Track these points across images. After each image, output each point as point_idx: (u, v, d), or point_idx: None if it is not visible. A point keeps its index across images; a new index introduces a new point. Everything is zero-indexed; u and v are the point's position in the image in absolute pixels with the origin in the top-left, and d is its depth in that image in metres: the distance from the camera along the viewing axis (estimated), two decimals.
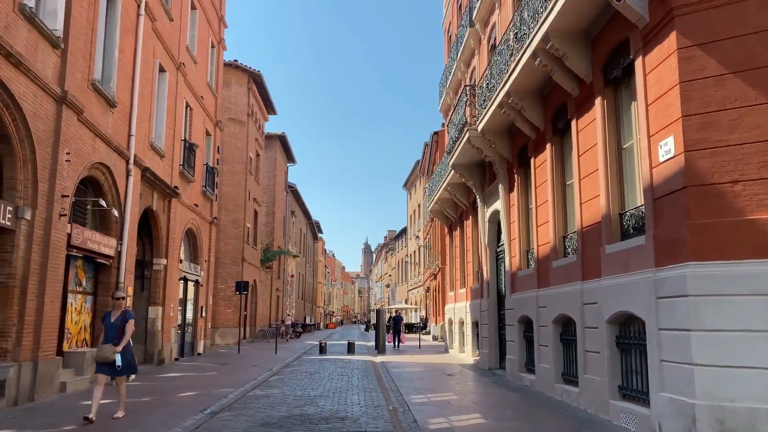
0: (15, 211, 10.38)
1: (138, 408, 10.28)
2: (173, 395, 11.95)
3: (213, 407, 10.50)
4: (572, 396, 10.83)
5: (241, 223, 33.72)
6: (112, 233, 14.93)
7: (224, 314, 32.26)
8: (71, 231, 12.51)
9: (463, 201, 21.03)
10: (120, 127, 15.07)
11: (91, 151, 13.30)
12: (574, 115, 11.16)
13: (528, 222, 14.48)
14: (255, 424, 9.01)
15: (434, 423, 9.10)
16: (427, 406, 10.79)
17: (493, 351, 17.42)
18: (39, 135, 10.82)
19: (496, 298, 17.56)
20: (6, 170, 10.43)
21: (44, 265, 11.09)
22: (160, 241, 18.80)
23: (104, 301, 14.93)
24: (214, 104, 25.70)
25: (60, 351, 12.45)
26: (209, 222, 24.88)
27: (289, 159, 50.24)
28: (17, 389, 10.23)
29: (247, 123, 34.26)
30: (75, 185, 12.57)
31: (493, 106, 13.73)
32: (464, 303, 21.53)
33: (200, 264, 23.65)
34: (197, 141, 22.47)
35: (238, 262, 33.34)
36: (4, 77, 9.62)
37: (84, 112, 12.49)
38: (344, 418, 9.50)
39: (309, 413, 9.97)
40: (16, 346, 10.32)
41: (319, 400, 11.42)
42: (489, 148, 15.61)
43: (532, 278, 13.36)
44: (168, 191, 18.77)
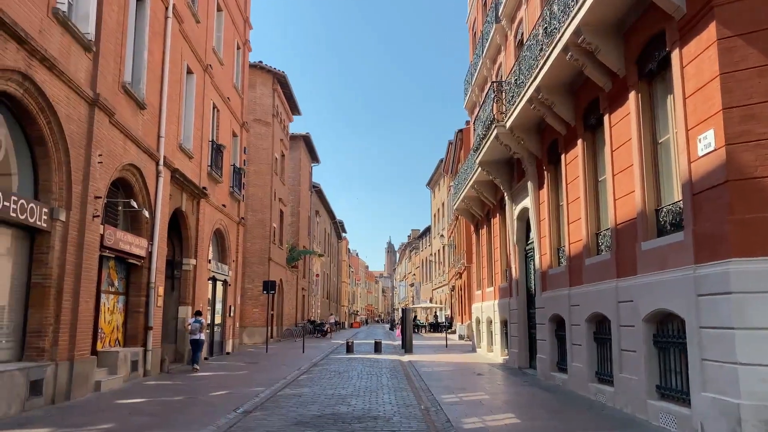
0: (50, 212, 10.53)
1: (171, 407, 10.37)
2: (205, 394, 12.03)
3: (245, 406, 10.54)
4: (607, 395, 10.64)
5: (267, 223, 33.92)
6: (143, 234, 15.10)
7: (251, 314, 32.49)
8: (104, 232, 12.67)
9: (490, 199, 20.85)
10: (150, 129, 15.22)
11: (122, 152, 13.45)
12: (607, 110, 10.96)
13: (559, 219, 14.29)
14: (288, 422, 9.02)
15: (468, 423, 9.01)
16: (459, 405, 10.70)
17: (522, 350, 17.24)
18: (72, 137, 10.97)
19: (525, 296, 17.37)
20: (41, 173, 10.59)
21: (79, 265, 11.25)
22: (190, 241, 18.97)
23: (136, 301, 15.12)
24: (240, 105, 25.88)
25: (94, 350, 12.62)
26: (237, 222, 25.06)
27: (313, 159, 50.42)
28: (54, 388, 10.38)
29: (273, 124, 34.44)
30: (107, 186, 12.73)
31: (522, 102, 13.57)
32: (492, 302, 21.35)
33: (228, 264, 23.83)
34: (224, 142, 22.64)
35: (265, 262, 33.55)
36: (39, 81, 9.76)
37: (115, 114, 12.64)
38: (377, 418, 9.46)
39: (341, 412, 9.95)
40: (53, 346, 10.47)
41: (350, 399, 11.40)
42: (517, 145, 15.44)
43: (564, 276, 13.18)
44: (197, 192, 18.93)
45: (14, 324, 10.07)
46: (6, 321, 9.89)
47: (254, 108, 32.67)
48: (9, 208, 9.23)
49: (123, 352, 13.64)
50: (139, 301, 15.15)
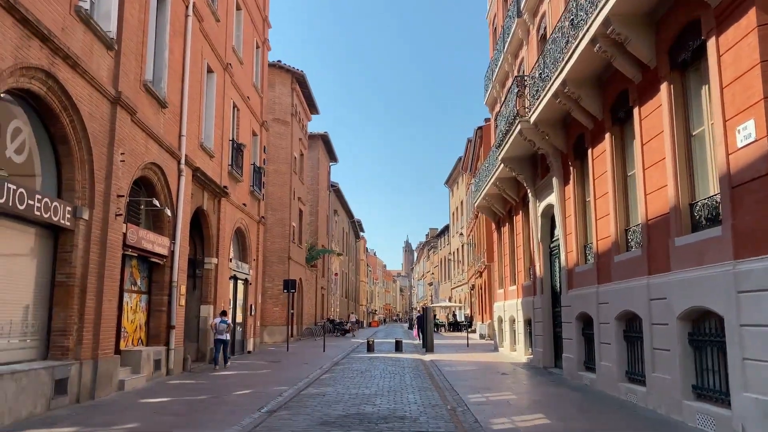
0: (74, 211, 10.51)
1: (195, 406, 10.29)
2: (228, 393, 11.95)
3: (269, 405, 10.43)
4: (639, 395, 10.36)
5: (286, 222, 33.91)
6: (165, 233, 15.08)
7: (272, 312, 32.50)
8: (126, 231, 12.64)
9: (512, 196, 20.57)
10: (171, 128, 15.20)
11: (144, 151, 13.42)
12: (636, 103, 10.67)
13: (585, 215, 14.00)
14: (314, 422, 8.88)
15: (497, 423, 8.80)
16: (485, 405, 10.49)
17: (547, 349, 16.96)
18: (95, 136, 10.94)
19: (550, 295, 17.09)
20: (64, 171, 10.56)
21: (102, 264, 11.22)
22: (211, 240, 18.95)
23: (158, 300, 15.11)
24: (260, 104, 25.85)
25: (117, 349, 12.61)
26: (257, 221, 25.04)
27: (332, 158, 50.36)
28: (79, 387, 10.36)
29: (291, 123, 34.41)
30: (129, 185, 12.70)
31: (547, 96, 13.31)
32: (515, 300, 21.07)
33: (249, 263, 23.81)
34: (244, 141, 22.61)
35: (285, 261, 33.54)
36: (62, 79, 9.73)
37: (137, 112, 12.60)
38: (403, 418, 9.29)
39: (367, 412, 9.80)
40: (77, 345, 10.45)
41: (374, 399, 11.24)
42: (542, 140, 15.16)
43: (592, 274, 12.90)
44: (218, 191, 18.90)
45: (39, 323, 10.05)
46: (31, 320, 9.87)
47: (273, 107, 32.66)
48: (33, 207, 9.20)
49: (146, 351, 13.62)
50: (162, 300, 15.13)
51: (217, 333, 17.24)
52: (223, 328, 17.19)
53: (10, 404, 8.37)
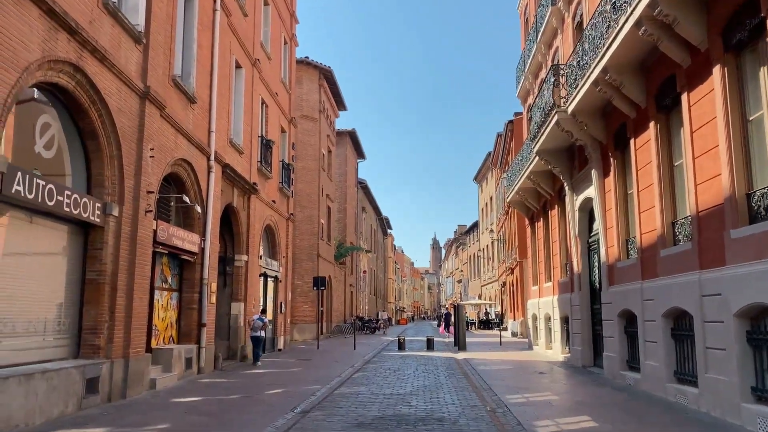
0: (103, 207, 10.35)
1: (227, 406, 10.06)
2: (260, 392, 11.71)
3: (303, 406, 10.15)
4: (690, 397, 9.82)
5: (315, 219, 33.77)
6: (196, 230, 14.93)
7: (301, 310, 32.40)
8: (157, 227, 12.49)
9: (547, 190, 19.99)
10: (200, 123, 15.03)
11: (174, 147, 13.26)
12: (685, 88, 10.10)
13: (627, 209, 13.43)
14: (350, 424, 8.56)
15: (540, 426, 8.37)
16: (526, 406, 10.05)
17: (586, 348, 16.40)
18: (124, 131, 10.77)
19: (588, 291, 16.52)
20: (94, 167, 10.41)
21: (132, 261, 11.06)
22: (241, 237, 18.79)
23: (189, 297, 14.97)
24: (288, 101, 25.67)
25: (149, 348, 12.47)
26: (286, 218, 24.86)
27: (359, 155, 50.13)
28: (110, 386, 10.21)
29: (319, 120, 34.23)
30: (159, 181, 12.54)
31: (587, 84, 12.76)
32: (551, 297, 20.50)
33: (278, 260, 23.66)
34: (273, 137, 22.43)
35: (314, 258, 33.40)
36: (90, 72, 9.56)
37: (166, 107, 12.43)
38: (442, 420, 8.91)
39: (403, 413, 9.44)
40: (108, 343, 10.30)
41: (410, 399, 10.88)
42: (580, 131, 14.61)
43: (635, 269, 12.34)
44: (247, 187, 18.73)
45: (70, 321, 9.92)
46: (62, 318, 9.74)
47: (301, 104, 32.51)
48: (62, 203, 9.04)
49: (177, 350, 13.47)
50: (192, 297, 14.99)
51: (254, 330, 17.37)
52: (259, 326, 17.34)
53: (41, 403, 8.22)
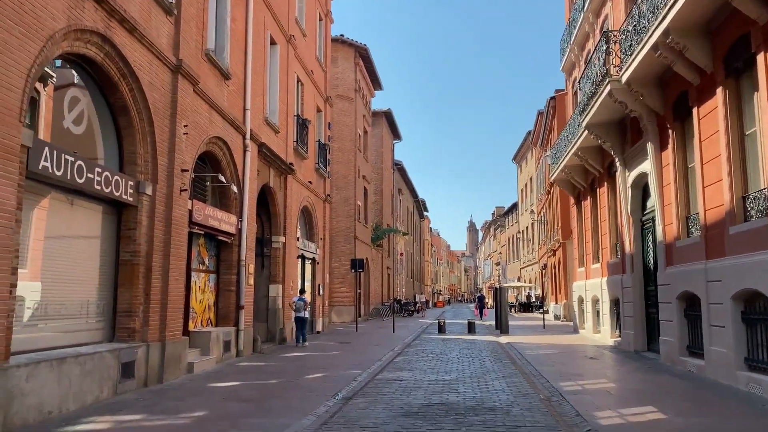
0: (136, 186, 9.98)
1: (266, 391, 9.65)
2: (300, 377, 11.30)
3: (344, 392, 9.68)
4: (765, 387, 8.99)
5: (351, 201, 33.30)
6: (232, 210, 14.56)
7: (339, 292, 32.10)
8: (192, 207, 12.12)
9: (595, 166, 19.02)
10: (235, 101, 14.58)
11: (208, 124, 12.84)
12: (761, 48, 9.14)
13: (688, 183, 12.51)
14: (395, 413, 8.03)
15: (603, 417, 7.69)
16: (583, 395, 9.37)
17: (639, 331, 15.55)
18: (156, 106, 10.35)
19: (641, 272, 15.62)
20: (126, 144, 10.04)
21: (167, 242, 10.70)
22: (278, 218, 18.40)
23: (227, 279, 14.65)
24: (323, 79, 25.10)
25: (186, 331, 12.16)
26: (323, 199, 24.41)
27: (395, 136, 49.36)
28: (146, 370, 9.90)
29: (355, 99, 33.61)
30: (194, 160, 12.15)
31: (644, 49, 11.82)
32: (598, 279, 19.60)
33: (316, 242, 23.26)
34: (309, 117, 21.91)
35: (351, 240, 33.01)
36: (119, 44, 9.12)
37: (199, 82, 11.99)
38: (493, 409, 8.31)
39: (451, 401, 8.87)
40: (144, 326, 9.98)
41: (457, 386, 10.30)
42: (635, 102, 13.66)
43: (698, 248, 11.46)
44: (284, 168, 18.29)
45: (104, 303, 9.62)
46: (96, 300, 9.44)
47: (336, 83, 31.91)
48: (93, 181, 8.67)
49: (215, 332, 13.17)
50: (230, 279, 14.67)
51: (297, 311, 17.45)
52: (301, 306, 17.44)
53: (74, 389, 7.91)
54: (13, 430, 6.73)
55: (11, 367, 6.72)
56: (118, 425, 7.23)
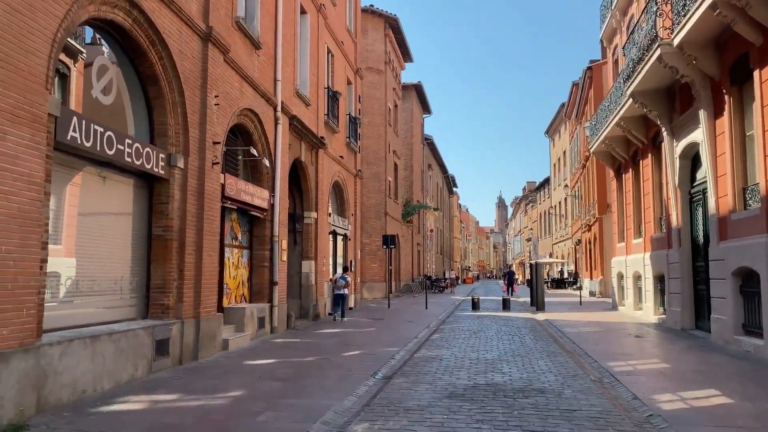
0: (168, 158, 9.66)
1: (304, 370, 9.35)
2: (336, 354, 11.00)
3: (383, 371, 9.34)
4: None
5: (382, 176, 32.84)
6: (264, 185, 14.22)
7: (370, 269, 31.85)
8: (225, 181, 11.79)
9: (639, 137, 18.17)
10: (266, 72, 14.15)
11: (239, 95, 12.44)
12: None
13: (745, 152, 11.74)
14: (440, 394, 7.65)
15: (663, 401, 7.18)
16: (635, 376, 8.87)
17: (686, 309, 14.89)
18: (186, 75, 9.97)
19: (689, 247, 14.91)
20: (156, 115, 9.69)
21: (200, 216, 10.40)
22: (309, 193, 18.05)
23: (260, 255, 14.39)
24: (354, 50, 24.50)
25: (220, 307, 11.93)
26: (354, 174, 24.00)
27: (425, 110, 48.57)
28: (181, 348, 9.67)
29: (385, 72, 32.94)
30: (225, 132, 11.78)
31: (701, 8, 11.00)
32: (641, 255, 18.89)
33: (347, 218, 22.91)
34: (339, 89, 21.40)
35: (381, 216, 32.63)
36: (147, 9, 8.72)
37: (230, 51, 11.57)
38: (543, 391, 7.87)
39: (497, 382, 8.45)
40: (178, 303, 9.73)
41: (500, 366, 9.87)
42: (687, 66, 12.84)
43: (757, 221, 10.75)
44: (315, 141, 17.87)
45: (137, 279, 9.37)
46: (129, 276, 9.19)
47: (366, 56, 31.24)
48: (123, 152, 8.34)
49: (249, 309, 12.93)
50: (263, 255, 14.40)
51: (337, 288, 17.99)
52: (342, 284, 17.96)
53: (109, 367, 7.68)
54: (47, 409, 6.52)
55: (43, 345, 6.48)
56: (153, 405, 6.98)
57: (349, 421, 6.44)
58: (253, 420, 6.32)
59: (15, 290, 6.03)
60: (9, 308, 5.96)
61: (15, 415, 5.93)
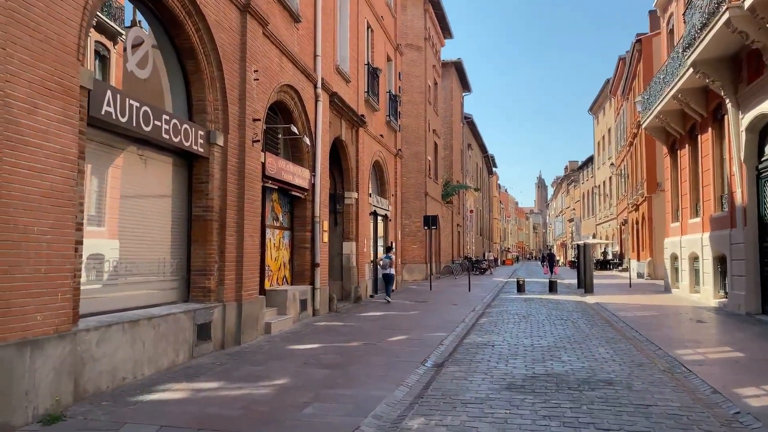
0: (207, 136, 9.26)
1: (349, 356, 8.92)
2: (381, 339, 10.56)
3: (433, 358, 8.86)
4: None
5: (422, 156, 32.15)
6: (305, 164, 13.79)
7: (410, 250, 31.35)
8: (265, 160, 11.38)
9: (698, 110, 17.08)
10: (305, 46, 13.64)
11: (279, 70, 11.97)
12: None
13: None
14: (498, 385, 7.11)
15: (749, 396, 6.50)
16: (708, 366, 8.17)
17: (752, 292, 13.94)
18: (224, 49, 9.52)
19: (756, 227, 13.92)
20: (194, 90, 9.29)
21: (241, 196, 10.02)
22: (350, 173, 17.58)
23: (301, 236, 14.02)
24: (393, 26, 23.79)
25: (262, 290, 11.59)
26: (394, 154, 23.42)
27: (465, 87, 47.45)
28: (223, 332, 9.35)
29: (425, 48, 32.08)
30: (265, 109, 11.34)
31: None
32: (698, 235, 17.87)
33: (387, 198, 22.40)
34: (379, 66, 20.77)
35: (421, 197, 32.00)
36: None
37: (269, 23, 11.08)
38: (610, 382, 7.25)
39: (558, 372, 7.86)
40: (219, 285, 9.39)
41: (558, 353, 9.26)
42: (758, 30, 11.83)
43: None
44: (355, 120, 17.34)
45: (177, 261, 9.05)
46: (169, 258, 8.87)
47: (405, 32, 30.43)
48: (160, 129, 7.96)
49: (292, 291, 12.58)
50: (305, 236, 14.02)
51: (383, 268, 18.27)
52: (387, 263, 18.24)
53: (149, 353, 7.37)
54: (86, 397, 6.23)
55: (80, 330, 6.17)
56: (195, 394, 6.63)
57: (403, 414, 5.97)
58: (300, 412, 5.91)
59: (49, 273, 5.70)
60: (43, 293, 5.63)
61: (51, 405, 5.63)
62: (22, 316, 5.40)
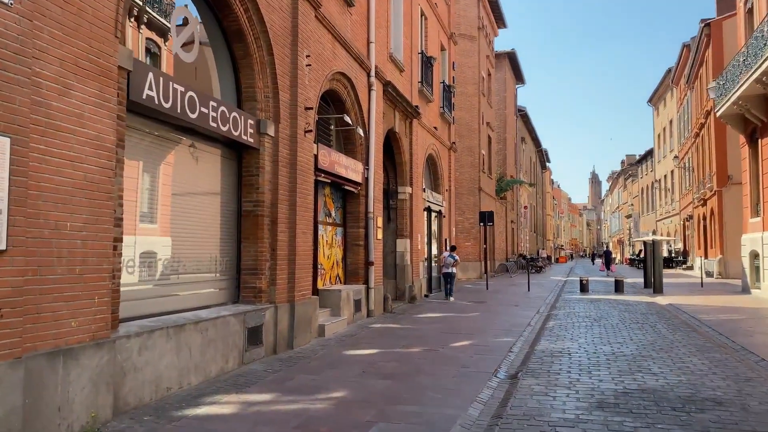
0: (257, 125, 8.63)
1: (412, 364, 8.12)
2: (444, 345, 9.73)
3: (504, 368, 7.99)
4: None
5: (475, 149, 31.08)
6: (358, 157, 13.08)
7: (464, 247, 30.30)
8: (318, 152, 10.70)
9: None
10: (358, 32, 12.92)
11: (331, 57, 11.27)
12: None
13: None
14: (586, 403, 6.19)
15: None
16: None
17: None
18: (275, 31, 8.85)
19: None
20: (243, 76, 8.66)
21: (293, 190, 9.35)
22: (404, 167, 16.78)
23: (354, 233, 13.32)
24: (447, 14, 22.85)
25: (315, 290, 10.93)
26: (448, 147, 22.50)
27: (518, 79, 45.98)
28: (275, 336, 8.69)
29: (478, 38, 30.98)
30: (318, 97, 10.65)
31: None
32: None
33: (441, 193, 21.50)
34: (433, 55, 19.89)
35: (475, 192, 30.94)
36: None
37: (321, 6, 10.39)
38: (719, 402, 6.22)
39: (653, 387, 6.86)
40: (270, 285, 8.75)
41: (647, 364, 8.22)
42: None
43: None
44: (410, 111, 16.52)
45: (227, 260, 8.45)
46: (218, 256, 8.27)
47: (458, 21, 29.37)
48: (207, 117, 7.34)
49: (345, 291, 11.88)
50: (358, 233, 13.31)
51: (445, 267, 17.80)
52: (450, 262, 17.76)
53: (195, 360, 6.75)
54: (127, 410, 5.64)
55: (120, 337, 5.57)
56: (246, 408, 5.96)
57: None
58: None
59: (84, 274, 5.11)
60: (78, 296, 5.04)
61: (88, 421, 5.04)
62: (54, 322, 4.81)
